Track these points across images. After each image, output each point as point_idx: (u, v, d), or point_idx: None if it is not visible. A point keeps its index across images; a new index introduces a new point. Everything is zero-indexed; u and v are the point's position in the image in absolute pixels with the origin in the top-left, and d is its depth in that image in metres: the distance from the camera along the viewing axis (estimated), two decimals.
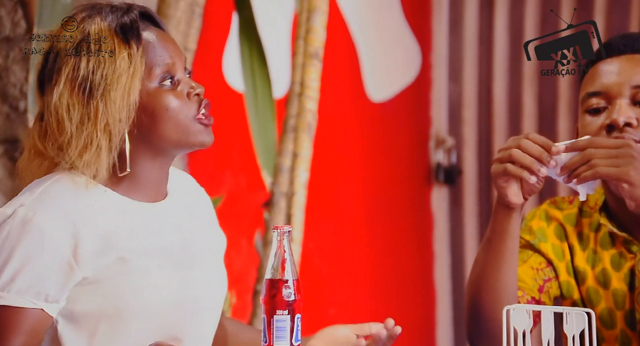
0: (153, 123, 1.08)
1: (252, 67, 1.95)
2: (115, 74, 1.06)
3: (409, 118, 2.69)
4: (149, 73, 1.08)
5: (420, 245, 2.68)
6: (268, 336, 1.00)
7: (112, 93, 1.06)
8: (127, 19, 1.09)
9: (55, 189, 1.07)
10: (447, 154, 2.68)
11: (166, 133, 1.08)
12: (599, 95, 1.24)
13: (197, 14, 1.87)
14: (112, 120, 1.06)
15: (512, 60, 2.58)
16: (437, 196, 2.70)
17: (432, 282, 2.68)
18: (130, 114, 1.07)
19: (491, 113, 2.62)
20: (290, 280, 1.01)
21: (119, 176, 1.09)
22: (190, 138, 1.09)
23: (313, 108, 1.95)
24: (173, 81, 1.10)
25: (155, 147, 1.10)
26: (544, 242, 1.30)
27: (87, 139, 1.06)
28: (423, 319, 2.65)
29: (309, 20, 1.94)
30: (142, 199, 1.11)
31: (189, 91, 1.10)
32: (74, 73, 1.06)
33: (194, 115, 1.10)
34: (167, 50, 1.10)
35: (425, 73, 2.69)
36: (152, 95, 1.08)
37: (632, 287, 1.23)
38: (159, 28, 1.13)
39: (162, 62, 1.09)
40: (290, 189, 1.93)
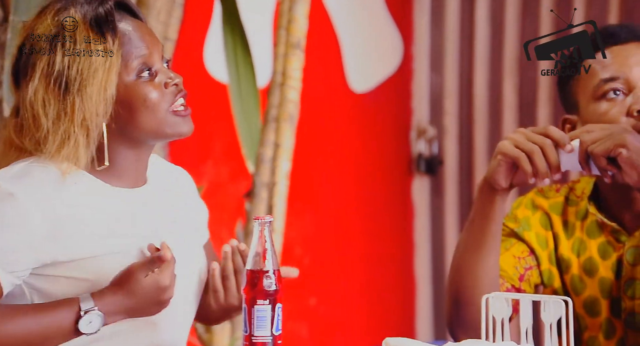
0: (131, 115, 1.07)
1: (236, 57, 1.94)
2: (91, 68, 1.04)
3: (390, 108, 2.69)
4: (125, 66, 1.07)
5: (401, 234, 2.69)
6: (249, 325, 1.00)
7: (89, 88, 1.04)
8: (102, 10, 1.07)
9: (35, 169, 1.06)
10: (428, 144, 2.69)
11: (144, 124, 1.08)
12: (617, 80, 1.21)
13: (177, 3, 1.85)
14: (89, 115, 1.05)
15: (493, 52, 2.58)
16: (418, 186, 2.71)
17: (413, 270, 2.69)
18: (108, 108, 1.06)
19: (472, 104, 2.63)
20: (271, 270, 1.00)
21: (94, 168, 1.08)
22: (168, 129, 1.09)
23: (295, 98, 1.94)
24: (151, 72, 1.09)
25: (134, 138, 1.09)
26: (528, 230, 1.29)
27: (65, 134, 1.05)
28: (403, 306, 2.66)
29: (290, 9, 1.93)
30: (121, 185, 1.11)
31: (167, 81, 1.09)
32: (48, 68, 1.05)
33: (171, 104, 1.09)
34: (144, 41, 1.09)
35: (406, 64, 2.70)
36: (129, 88, 1.07)
37: (619, 276, 1.23)
38: (135, 17, 1.11)
39: (139, 53, 1.07)
40: (272, 179, 1.92)
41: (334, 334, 2.51)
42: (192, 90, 1.16)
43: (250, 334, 1.00)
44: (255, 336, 1.00)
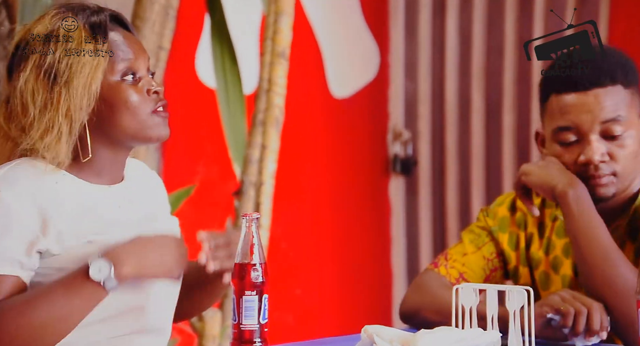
0: (112, 114, 1.08)
1: (224, 65, 1.94)
2: (79, 64, 1.05)
3: (368, 113, 2.70)
4: (111, 67, 1.08)
5: (379, 230, 2.70)
6: (237, 315, 1.00)
7: (75, 81, 1.05)
8: (97, 18, 1.09)
9: (17, 171, 1.06)
10: (403, 146, 2.70)
11: (124, 124, 1.08)
12: (571, 130, 1.22)
13: (170, 15, 1.85)
14: (73, 107, 1.05)
15: (462, 61, 2.60)
16: (394, 185, 2.72)
17: (389, 265, 2.70)
18: (91, 103, 1.06)
19: (443, 109, 2.64)
20: (258, 263, 1.01)
21: (76, 162, 1.08)
22: (147, 131, 1.09)
23: (280, 103, 1.94)
24: (135, 77, 1.09)
25: (113, 137, 1.09)
26: (503, 232, 1.30)
27: (49, 123, 1.05)
28: (381, 297, 2.67)
29: (276, 22, 1.93)
30: (99, 182, 1.11)
31: (149, 88, 1.10)
32: (40, 60, 1.06)
33: (151, 110, 1.09)
34: (131, 48, 1.10)
35: (383, 71, 2.71)
36: (113, 88, 1.08)
37: (577, 274, 1.24)
38: (127, 31, 1.12)
39: (125, 57, 1.09)
40: (259, 179, 1.92)
41: (318, 322, 2.51)
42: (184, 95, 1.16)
43: (239, 323, 1.00)
44: (244, 325, 1.00)
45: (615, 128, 1.23)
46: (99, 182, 1.10)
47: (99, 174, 1.10)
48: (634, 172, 1.23)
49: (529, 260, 1.29)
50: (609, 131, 1.22)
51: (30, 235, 1.04)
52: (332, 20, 2.59)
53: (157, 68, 1.80)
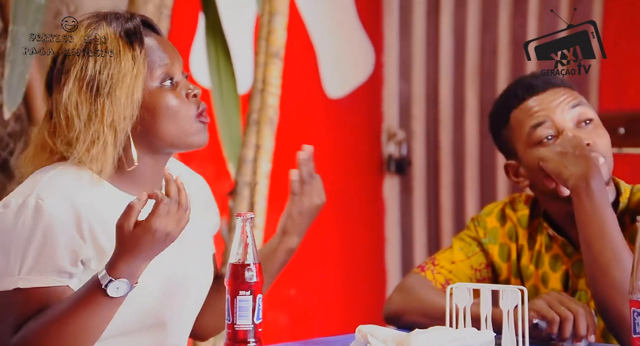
0: (154, 120, 1.08)
1: (218, 65, 1.93)
2: (120, 73, 1.06)
3: (362, 113, 2.70)
4: (150, 73, 1.08)
5: (373, 229, 2.70)
6: (232, 315, 1.00)
7: (118, 91, 1.06)
8: (131, 24, 1.09)
9: (63, 181, 1.06)
10: (397, 146, 2.70)
11: (166, 130, 1.08)
12: (544, 124, 1.22)
13: (165, 15, 1.84)
14: (118, 117, 1.06)
15: (456, 61, 2.60)
16: (388, 185, 2.72)
17: (384, 263, 2.70)
18: (134, 112, 1.07)
19: (438, 109, 2.64)
20: (252, 263, 1.01)
21: (118, 172, 1.08)
22: (189, 137, 1.10)
23: (274, 103, 1.94)
24: (172, 82, 1.10)
25: (155, 144, 1.10)
26: (493, 243, 1.30)
27: (95, 135, 1.06)
28: (375, 296, 2.67)
29: (270, 22, 1.93)
30: (138, 194, 1.09)
31: (188, 92, 1.10)
32: (82, 73, 1.06)
33: (193, 114, 1.10)
34: (167, 54, 1.11)
35: (377, 72, 2.71)
36: (153, 94, 1.08)
37: (567, 287, 1.24)
38: (159, 35, 1.13)
39: (162, 63, 1.09)
40: (254, 179, 1.92)
41: (312, 322, 2.51)
42: None
43: (233, 323, 1.00)
44: (238, 325, 1.00)
45: (585, 110, 1.23)
46: (137, 193, 1.09)
47: (140, 184, 1.10)
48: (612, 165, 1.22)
49: (520, 272, 1.29)
50: (582, 116, 1.23)
51: (75, 245, 1.04)
52: (327, 20, 2.59)
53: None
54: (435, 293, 1.24)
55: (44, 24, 1.77)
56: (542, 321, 1.10)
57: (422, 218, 2.67)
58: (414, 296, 1.26)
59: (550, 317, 1.09)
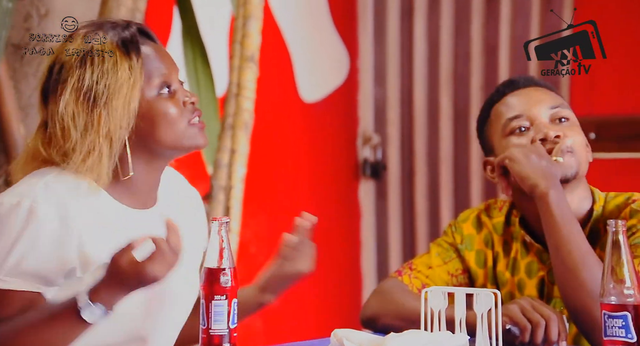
0: (152, 129, 1.08)
1: (196, 69, 1.93)
2: (117, 84, 1.06)
3: (338, 118, 2.71)
4: (148, 83, 1.08)
5: (349, 233, 2.71)
6: (207, 319, 0.99)
7: (114, 102, 1.05)
8: (128, 33, 1.09)
9: (58, 185, 1.05)
10: (373, 151, 2.71)
11: (164, 137, 1.08)
12: (521, 117, 1.25)
13: (137, 19, 1.83)
14: (114, 127, 1.06)
15: (430, 66, 2.63)
16: (364, 189, 2.73)
17: (359, 266, 2.71)
18: (131, 121, 1.06)
19: (412, 114, 2.66)
20: (227, 268, 1.00)
21: (115, 180, 1.08)
22: (187, 141, 1.10)
23: (249, 107, 1.93)
24: (170, 90, 1.10)
25: (152, 151, 1.09)
26: (469, 250, 1.31)
27: (91, 145, 1.05)
28: (351, 300, 2.67)
29: (245, 25, 1.92)
30: (133, 205, 1.10)
31: (185, 100, 1.10)
32: (79, 83, 1.06)
33: (189, 120, 1.10)
34: (164, 62, 1.11)
35: (352, 76, 2.72)
36: (151, 103, 1.08)
37: (542, 294, 1.25)
38: (155, 43, 1.13)
39: (159, 72, 1.09)
40: (229, 183, 1.91)
41: (287, 326, 2.51)
42: None
43: (208, 327, 0.99)
44: (213, 330, 0.99)
45: (564, 111, 1.26)
46: (133, 203, 1.10)
47: (134, 195, 1.10)
48: (585, 163, 1.24)
49: (496, 278, 1.30)
50: (559, 114, 1.25)
51: (61, 255, 1.03)
52: (302, 24, 2.59)
53: None
54: (411, 296, 1.25)
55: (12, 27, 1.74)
56: (515, 327, 1.11)
57: (398, 222, 2.69)
58: (391, 299, 1.27)
59: (522, 325, 1.10)
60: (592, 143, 1.32)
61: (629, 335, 0.92)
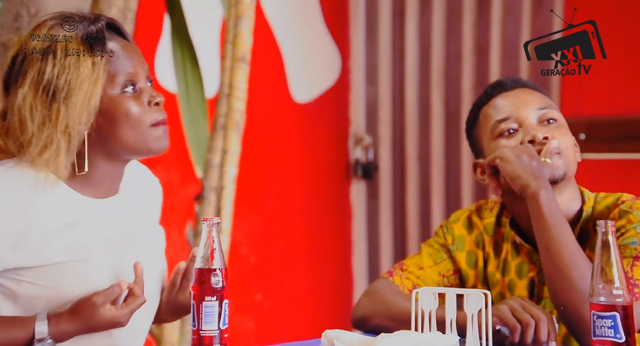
0: (112, 127, 1.06)
1: (185, 69, 1.92)
2: (78, 79, 1.04)
3: (330, 118, 2.71)
4: (111, 80, 1.06)
5: (340, 234, 2.71)
6: (197, 320, 0.99)
7: (74, 97, 1.04)
8: (94, 28, 1.07)
9: (14, 177, 1.04)
10: (364, 151, 2.72)
11: (125, 137, 1.07)
12: (509, 120, 1.25)
13: (129, 18, 1.83)
14: (72, 123, 1.04)
15: (422, 66, 2.63)
16: (355, 189, 2.73)
17: (351, 267, 2.71)
18: (90, 118, 1.05)
19: (404, 114, 2.66)
20: (218, 268, 1.00)
21: (74, 173, 1.07)
22: (148, 143, 1.08)
23: (241, 108, 1.93)
24: (135, 89, 1.08)
25: (112, 150, 1.08)
26: (460, 251, 1.31)
27: (48, 139, 1.04)
28: (342, 300, 2.68)
29: (236, 26, 1.92)
30: (93, 195, 1.09)
31: (150, 100, 1.09)
32: (39, 76, 1.04)
33: (152, 122, 1.08)
34: (131, 60, 1.09)
35: (344, 77, 2.72)
36: (113, 101, 1.07)
37: (532, 295, 1.26)
38: (124, 38, 1.11)
39: (125, 70, 1.07)
40: (220, 184, 1.91)
41: (278, 327, 2.51)
42: None
43: (199, 328, 0.99)
44: (203, 331, 0.99)
45: (552, 112, 1.27)
46: (93, 194, 1.09)
47: (95, 186, 1.09)
48: (574, 164, 1.25)
49: (486, 279, 1.30)
50: (546, 115, 1.26)
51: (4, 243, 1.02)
52: (293, 25, 2.59)
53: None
54: (402, 297, 1.25)
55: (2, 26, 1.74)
56: (505, 327, 1.12)
57: (389, 223, 2.69)
58: (381, 300, 1.27)
59: (512, 325, 1.11)
60: (582, 144, 1.32)
61: (617, 335, 0.92)
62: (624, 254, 1.16)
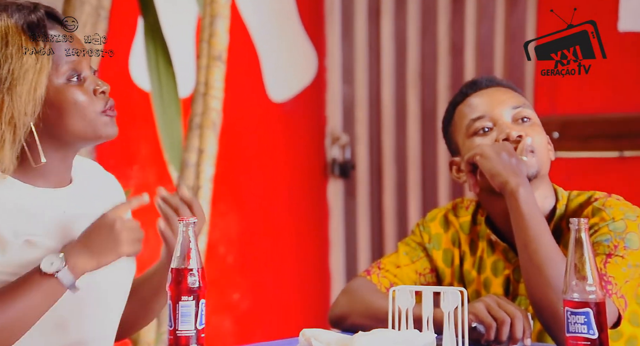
0: (60, 117, 1.05)
1: (158, 68, 1.91)
2: (22, 69, 1.02)
3: (306, 117, 2.71)
4: (56, 69, 1.05)
5: (318, 233, 2.71)
6: (173, 320, 0.98)
7: (19, 87, 1.02)
8: (35, 17, 1.05)
9: None
10: (341, 150, 2.72)
11: (73, 126, 1.05)
12: (484, 118, 1.27)
13: (102, 16, 1.81)
14: (17, 114, 1.02)
15: (398, 66, 2.64)
16: (332, 188, 2.74)
17: (328, 266, 2.72)
18: (36, 108, 1.03)
19: (380, 113, 2.67)
20: (195, 268, 0.99)
21: (22, 166, 1.05)
22: (97, 130, 1.07)
23: (217, 107, 1.92)
24: (80, 78, 1.07)
25: (61, 139, 1.07)
26: (437, 249, 1.32)
27: None
28: (319, 302, 2.68)
29: (212, 24, 1.91)
30: (46, 186, 1.08)
31: (95, 88, 1.08)
32: None
33: (100, 110, 1.07)
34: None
35: (320, 76, 2.72)
36: (59, 91, 1.05)
37: (507, 292, 1.27)
38: (65, 28, 1.09)
39: (69, 59, 1.06)
40: (197, 183, 1.90)
41: (255, 327, 2.50)
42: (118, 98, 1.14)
43: (175, 329, 0.98)
44: (180, 331, 0.98)
45: (526, 111, 1.28)
46: (44, 185, 1.07)
47: (46, 177, 1.07)
48: (547, 162, 1.27)
49: (462, 277, 1.31)
50: (520, 114, 1.27)
51: None
52: (269, 23, 2.59)
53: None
54: (379, 296, 1.26)
55: None
56: (480, 324, 1.13)
57: (366, 222, 2.70)
58: (359, 298, 1.27)
59: (488, 323, 1.12)
60: (555, 142, 1.34)
61: (590, 331, 0.94)
62: (597, 251, 1.18)
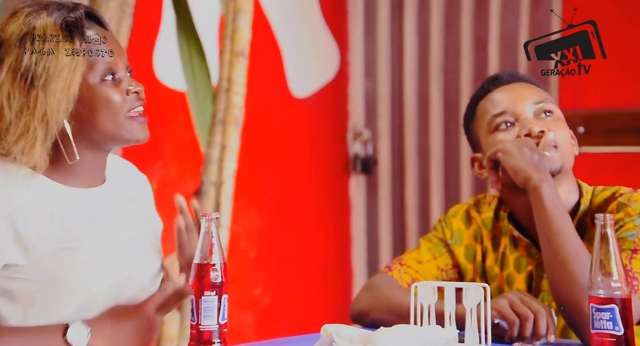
0: (92, 115, 1.06)
1: (192, 63, 1.92)
2: (57, 67, 1.03)
3: (328, 112, 2.71)
4: (91, 68, 1.06)
5: (339, 229, 2.71)
6: (196, 315, 0.99)
7: (53, 85, 1.03)
8: (73, 16, 1.06)
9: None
10: (363, 145, 2.72)
11: (103, 126, 1.07)
12: (505, 114, 1.26)
13: (127, 13, 1.83)
14: (50, 111, 1.03)
15: (420, 59, 2.63)
16: (354, 184, 2.73)
17: (350, 261, 2.72)
18: (69, 106, 1.04)
19: (403, 108, 2.66)
20: (217, 263, 1.00)
21: (56, 165, 1.06)
22: (126, 133, 1.08)
23: (240, 103, 1.93)
24: (114, 78, 1.08)
25: (92, 138, 1.08)
26: (459, 245, 1.32)
27: (25, 127, 1.03)
28: (340, 298, 2.68)
29: (234, 20, 1.92)
30: (78, 185, 1.09)
31: (128, 89, 1.09)
32: (16, 64, 1.03)
33: (130, 109, 1.08)
34: (110, 48, 1.08)
35: (343, 71, 2.72)
36: (93, 89, 1.06)
37: (530, 288, 1.26)
38: (103, 28, 1.11)
39: (104, 59, 1.07)
40: (219, 179, 1.91)
41: (277, 322, 2.51)
42: None
43: (198, 323, 0.99)
44: (203, 325, 0.99)
45: (548, 105, 1.28)
46: (78, 184, 1.08)
47: (79, 176, 1.08)
48: (571, 157, 1.26)
49: (485, 273, 1.31)
50: (542, 109, 1.27)
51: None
52: (292, 19, 2.59)
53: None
54: (401, 291, 1.26)
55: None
56: (503, 321, 1.12)
57: (388, 217, 2.69)
58: (381, 294, 1.27)
59: (511, 319, 1.12)
60: (580, 137, 1.33)
61: (616, 327, 0.93)
62: (623, 247, 1.17)
